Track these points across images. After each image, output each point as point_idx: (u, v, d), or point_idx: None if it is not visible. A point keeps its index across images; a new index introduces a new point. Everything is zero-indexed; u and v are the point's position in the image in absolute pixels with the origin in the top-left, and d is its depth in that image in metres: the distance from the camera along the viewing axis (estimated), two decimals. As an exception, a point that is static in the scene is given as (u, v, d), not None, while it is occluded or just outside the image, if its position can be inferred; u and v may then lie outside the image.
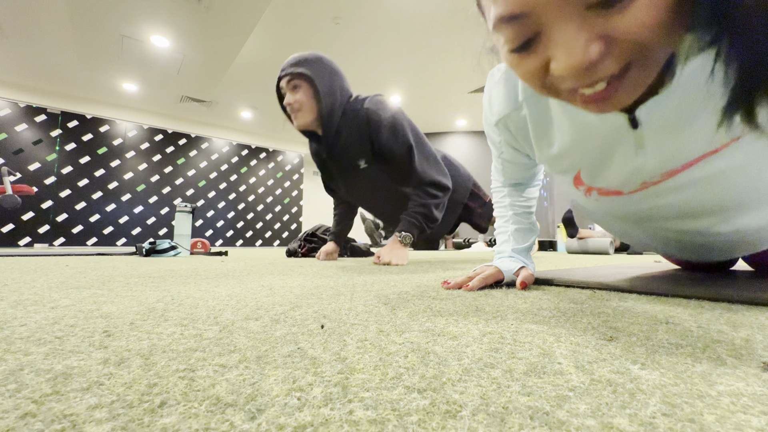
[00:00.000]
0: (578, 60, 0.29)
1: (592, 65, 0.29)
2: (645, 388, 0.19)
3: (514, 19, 0.30)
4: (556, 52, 0.30)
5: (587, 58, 0.28)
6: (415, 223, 1.31)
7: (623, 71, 0.30)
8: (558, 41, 0.29)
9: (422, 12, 3.14)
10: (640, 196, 0.50)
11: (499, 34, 0.32)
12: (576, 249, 2.81)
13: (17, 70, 4.10)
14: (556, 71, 0.30)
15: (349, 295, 0.54)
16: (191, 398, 0.18)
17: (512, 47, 0.32)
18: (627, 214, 0.56)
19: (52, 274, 0.86)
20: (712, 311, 0.41)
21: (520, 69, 0.34)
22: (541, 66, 0.32)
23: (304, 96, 1.28)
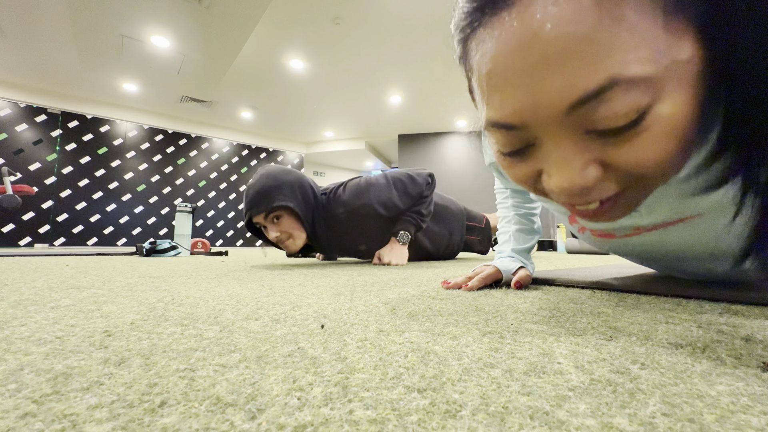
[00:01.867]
0: (573, 183, 0.27)
1: (587, 190, 0.27)
2: (645, 388, 0.19)
3: (507, 128, 0.28)
4: (549, 168, 0.28)
5: (582, 183, 0.27)
6: (411, 221, 1.33)
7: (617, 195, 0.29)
8: (552, 159, 0.27)
9: (423, 12, 3.14)
10: (632, 240, 0.50)
11: (490, 136, 0.30)
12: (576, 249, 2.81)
13: (17, 70, 4.11)
14: (549, 188, 0.29)
15: (349, 295, 0.54)
16: (191, 398, 0.18)
17: (503, 152, 0.30)
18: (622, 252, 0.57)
19: (52, 274, 0.86)
20: (712, 311, 0.41)
21: (511, 172, 0.32)
22: (532, 174, 0.30)
23: (288, 224, 1.21)
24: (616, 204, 0.29)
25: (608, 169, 0.27)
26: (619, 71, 0.22)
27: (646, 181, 0.27)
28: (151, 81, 4.33)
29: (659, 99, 0.23)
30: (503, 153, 0.30)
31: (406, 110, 5.38)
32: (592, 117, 0.24)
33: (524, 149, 0.29)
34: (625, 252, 0.58)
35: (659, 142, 0.24)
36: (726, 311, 0.41)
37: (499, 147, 0.30)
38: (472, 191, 5.59)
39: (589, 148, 0.26)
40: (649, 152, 0.25)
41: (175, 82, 4.32)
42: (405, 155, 6.22)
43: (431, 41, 3.59)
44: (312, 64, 4.07)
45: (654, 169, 0.26)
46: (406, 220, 1.33)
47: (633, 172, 0.26)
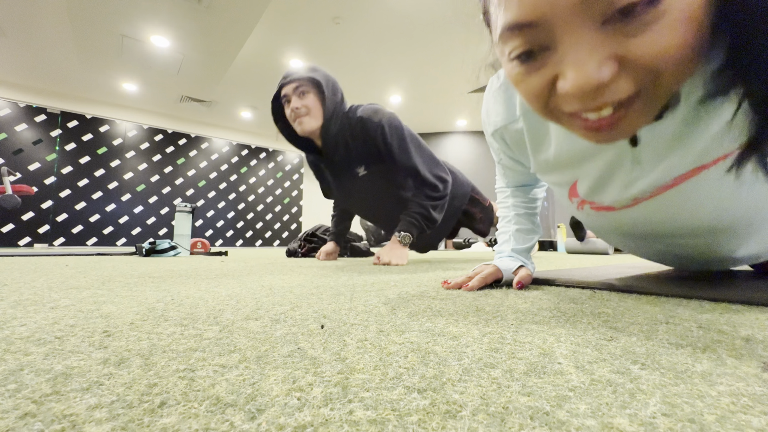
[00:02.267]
0: (589, 79, 0.27)
1: (602, 87, 0.27)
2: (645, 388, 0.19)
3: (525, 28, 0.28)
4: (565, 68, 0.28)
5: (598, 78, 0.26)
6: (415, 223, 1.31)
7: (631, 99, 0.28)
8: (569, 57, 0.27)
9: (422, 12, 3.14)
10: (631, 213, 0.50)
11: (505, 45, 0.30)
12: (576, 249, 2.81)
13: (17, 70, 4.10)
14: (563, 89, 0.28)
15: (349, 295, 0.54)
16: (191, 398, 0.18)
17: (517, 53, 0.30)
18: (621, 229, 0.57)
19: (52, 274, 0.86)
20: (712, 311, 0.41)
21: (524, 86, 0.32)
22: (546, 84, 0.30)
23: (312, 101, 1.29)
24: (628, 112, 0.29)
25: (625, 65, 0.27)
26: None
27: (660, 80, 0.27)
28: (150, 81, 4.33)
29: None
30: (520, 59, 0.30)
31: (406, 110, 5.38)
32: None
33: (538, 54, 0.29)
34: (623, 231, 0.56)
35: (676, 29, 0.25)
36: (726, 311, 0.41)
37: (515, 51, 0.30)
38: (471, 191, 5.59)
39: (606, 42, 0.26)
40: (666, 40, 0.25)
41: (175, 81, 4.32)
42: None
43: (431, 41, 3.59)
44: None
45: (670, 61, 0.26)
46: (410, 222, 1.31)
47: (649, 66, 0.26)
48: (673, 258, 0.62)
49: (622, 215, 0.51)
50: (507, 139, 0.56)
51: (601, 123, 0.30)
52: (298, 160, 6.81)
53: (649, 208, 0.47)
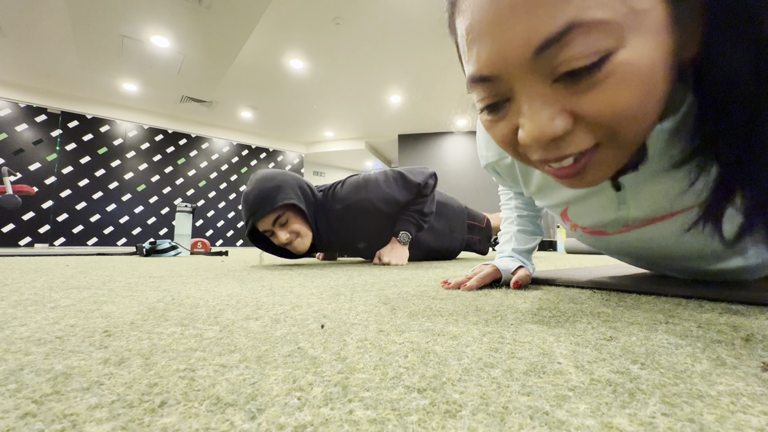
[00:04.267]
0: (542, 131, 0.28)
1: (558, 139, 0.28)
2: (645, 388, 0.19)
3: (486, 81, 0.29)
4: (522, 121, 0.29)
5: (552, 131, 0.27)
6: (411, 221, 1.32)
7: (592, 150, 0.29)
8: (524, 109, 0.29)
9: (423, 12, 3.14)
10: (624, 237, 0.51)
11: (473, 93, 0.32)
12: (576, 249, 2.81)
13: (17, 70, 4.10)
14: (521, 140, 0.30)
15: (349, 295, 0.54)
16: (191, 398, 0.18)
17: (482, 106, 0.32)
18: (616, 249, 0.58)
19: (52, 274, 0.86)
20: (712, 311, 0.41)
21: (492, 132, 0.33)
22: (510, 131, 0.31)
23: (296, 224, 1.19)
24: (590, 162, 0.30)
25: (578, 121, 0.28)
26: (577, 15, 0.24)
27: (618, 135, 0.28)
28: (151, 81, 4.33)
29: (620, 45, 0.25)
30: (483, 110, 0.32)
31: (406, 110, 5.38)
32: (556, 61, 0.26)
33: (501, 104, 0.30)
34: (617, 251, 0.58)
35: (623, 88, 0.25)
36: (726, 311, 0.41)
37: (480, 104, 0.32)
38: (472, 191, 5.59)
39: (558, 98, 0.27)
40: (614, 98, 0.26)
41: (175, 82, 4.32)
42: (405, 155, 6.22)
43: (431, 41, 3.59)
44: (312, 64, 4.07)
45: (621, 117, 0.27)
46: (406, 220, 1.32)
47: (601, 122, 0.27)
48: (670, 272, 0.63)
49: (615, 239, 0.52)
50: (499, 171, 0.59)
51: (566, 171, 0.31)
52: (299, 161, 6.82)
53: (641, 234, 0.48)
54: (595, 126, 0.28)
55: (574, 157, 0.30)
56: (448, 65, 4.07)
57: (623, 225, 0.48)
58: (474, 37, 0.28)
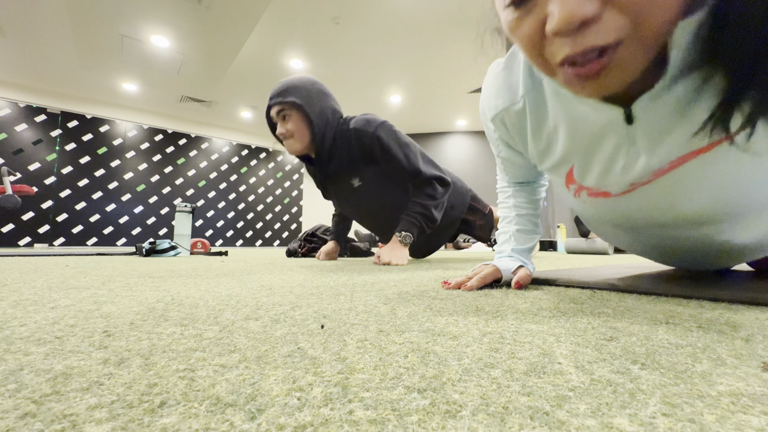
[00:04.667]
0: (573, 13, 0.28)
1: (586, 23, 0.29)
2: (645, 388, 0.19)
3: None
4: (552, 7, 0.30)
5: (582, 13, 0.28)
6: (415, 223, 1.31)
7: (615, 46, 0.30)
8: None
9: (422, 12, 3.14)
10: (628, 199, 0.49)
11: None
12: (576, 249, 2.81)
13: (17, 70, 4.10)
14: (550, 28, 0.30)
15: (349, 295, 0.54)
16: (191, 398, 0.18)
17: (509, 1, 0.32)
18: (618, 220, 0.56)
19: (52, 274, 0.86)
20: (712, 311, 0.41)
21: (519, 32, 0.33)
22: (538, 27, 0.32)
23: (294, 124, 1.29)
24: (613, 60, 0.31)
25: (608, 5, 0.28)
26: None
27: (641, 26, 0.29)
28: (150, 81, 4.33)
29: None
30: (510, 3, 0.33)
31: (406, 110, 5.38)
32: None
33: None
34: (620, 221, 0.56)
35: None
36: (726, 311, 0.41)
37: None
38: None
39: None
40: None
41: (175, 81, 4.32)
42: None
43: (431, 41, 3.59)
44: (312, 64, 4.07)
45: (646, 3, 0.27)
46: (411, 222, 1.31)
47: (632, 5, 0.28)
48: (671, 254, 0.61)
49: (619, 202, 0.51)
50: (507, 122, 0.56)
51: (588, 69, 0.32)
52: (298, 161, 6.81)
53: (647, 194, 0.47)
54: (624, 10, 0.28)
55: (597, 51, 0.30)
56: (447, 65, 4.08)
57: (630, 183, 0.47)
58: None
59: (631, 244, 0.64)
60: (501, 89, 0.54)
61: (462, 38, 3.54)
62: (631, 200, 0.49)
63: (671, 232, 0.53)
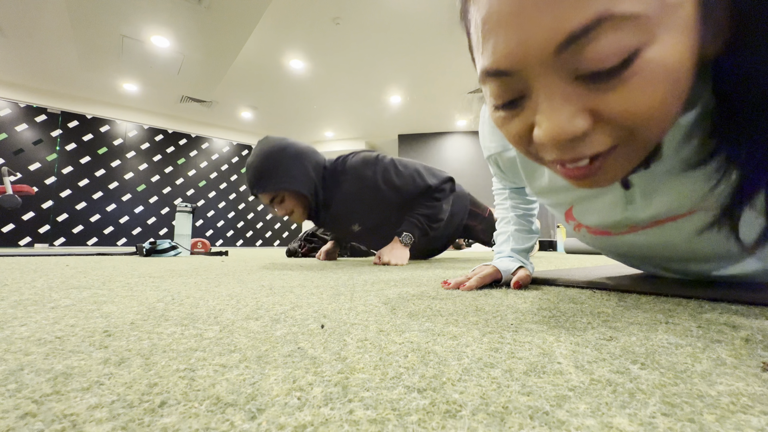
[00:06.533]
0: (562, 130, 0.26)
1: (576, 139, 0.27)
2: (645, 387, 0.19)
3: (501, 75, 0.28)
4: (540, 118, 0.27)
5: (572, 131, 0.26)
6: (417, 224, 1.31)
7: (608, 152, 0.28)
8: (542, 107, 0.27)
9: (422, 12, 3.14)
10: (628, 238, 0.50)
11: (485, 88, 0.30)
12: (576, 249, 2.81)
13: (17, 70, 4.10)
14: (538, 139, 0.28)
15: (349, 295, 0.54)
16: (191, 398, 0.18)
17: (496, 104, 0.30)
18: (619, 250, 0.57)
19: (52, 274, 0.86)
20: (712, 311, 0.41)
21: (505, 130, 0.31)
22: (525, 129, 0.30)
23: (291, 203, 1.28)
24: (605, 163, 0.29)
25: (598, 120, 0.27)
26: (608, 7, 0.22)
27: (637, 136, 0.27)
28: (151, 81, 4.33)
29: (650, 42, 0.23)
30: (497, 106, 0.30)
31: (406, 110, 5.38)
32: (580, 58, 0.24)
33: (517, 101, 0.29)
34: (621, 253, 0.57)
35: (649, 88, 0.24)
36: (726, 311, 0.41)
37: (494, 100, 0.30)
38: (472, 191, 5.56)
39: (579, 96, 0.26)
40: (639, 98, 0.25)
41: (175, 82, 4.32)
42: (405, 155, 6.22)
43: (431, 41, 3.59)
44: (312, 64, 4.07)
45: (644, 118, 0.25)
46: (412, 223, 1.31)
47: (623, 123, 0.26)
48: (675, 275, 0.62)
49: (619, 240, 0.52)
50: (501, 164, 0.58)
51: (580, 172, 0.30)
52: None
53: (647, 236, 0.48)
54: (616, 126, 0.26)
55: (589, 158, 0.29)
56: (447, 65, 4.07)
57: (629, 226, 0.47)
58: (491, 28, 0.26)
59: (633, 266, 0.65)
60: (494, 133, 0.55)
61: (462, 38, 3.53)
62: (632, 239, 0.50)
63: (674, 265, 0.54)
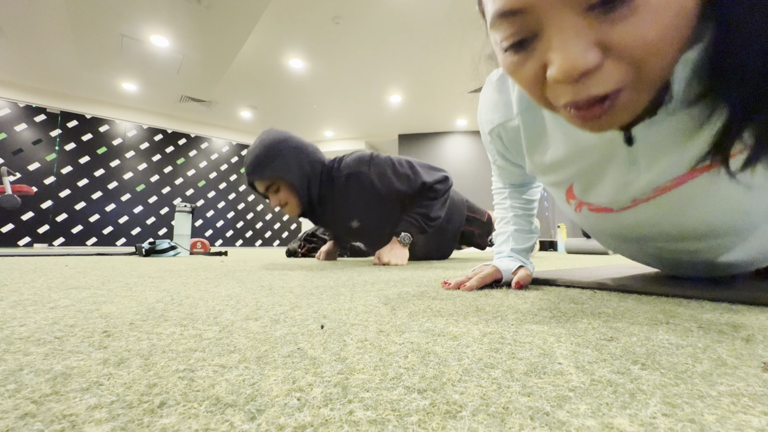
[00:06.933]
0: (575, 64, 0.27)
1: (588, 74, 0.28)
2: (645, 388, 0.19)
3: (512, 15, 0.29)
4: (552, 55, 0.28)
5: (584, 64, 0.27)
6: (414, 223, 1.31)
7: (617, 92, 0.29)
8: (555, 43, 0.28)
9: (422, 12, 3.14)
10: (630, 214, 0.49)
11: (497, 32, 0.31)
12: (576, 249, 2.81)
13: (17, 70, 4.10)
14: (551, 76, 0.29)
15: (349, 295, 0.54)
16: (191, 398, 0.18)
17: (507, 45, 0.31)
18: (619, 233, 0.56)
19: (51, 274, 0.86)
20: (712, 311, 0.41)
21: (518, 75, 0.32)
22: (538, 71, 0.31)
23: (285, 193, 1.28)
24: (616, 102, 0.30)
25: (608, 55, 0.28)
26: None
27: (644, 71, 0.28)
28: (150, 81, 4.33)
29: None
30: (510, 47, 0.31)
31: (406, 110, 5.38)
32: None
33: (529, 42, 0.30)
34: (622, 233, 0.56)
35: (658, 17, 0.25)
36: (726, 311, 0.41)
37: (506, 42, 0.31)
38: (472, 191, 5.58)
39: (590, 28, 0.27)
40: (648, 27, 0.26)
41: (175, 81, 4.31)
42: (405, 155, 6.21)
43: (431, 41, 3.59)
44: (312, 64, 4.07)
45: (652, 48, 0.27)
46: (410, 222, 1.31)
47: (632, 55, 0.27)
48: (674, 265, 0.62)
49: (620, 217, 0.51)
50: (503, 137, 0.56)
51: (592, 112, 0.31)
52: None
53: (649, 210, 0.47)
54: (625, 60, 0.27)
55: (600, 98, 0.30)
56: (447, 65, 4.08)
57: (632, 199, 0.47)
58: None
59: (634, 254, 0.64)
60: (498, 104, 0.54)
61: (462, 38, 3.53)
62: (633, 216, 0.49)
63: (674, 245, 0.53)
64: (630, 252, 0.64)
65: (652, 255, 0.60)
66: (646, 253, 0.61)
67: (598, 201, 0.50)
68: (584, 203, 0.52)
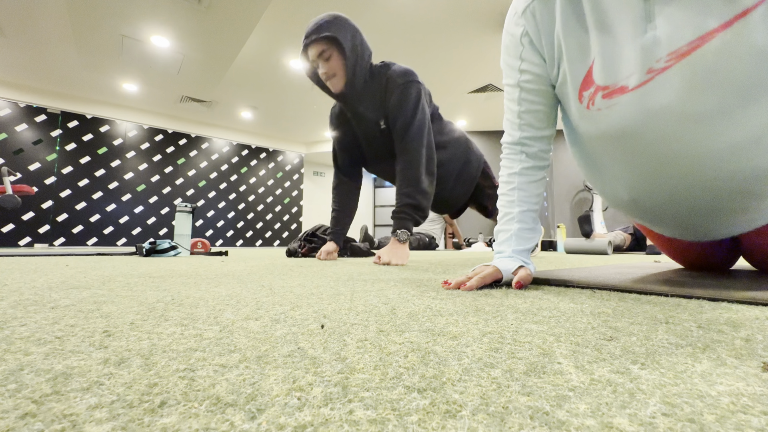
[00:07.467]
0: None
1: None
2: (645, 388, 0.19)
3: None
4: None
5: None
6: (408, 218, 1.32)
7: None
8: None
9: (422, 12, 3.14)
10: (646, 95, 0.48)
11: None
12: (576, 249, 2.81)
13: (17, 70, 4.10)
14: None
15: (349, 295, 0.54)
16: (191, 398, 0.18)
17: None
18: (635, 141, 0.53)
19: (52, 274, 0.86)
20: (712, 311, 0.41)
21: None
22: None
23: (336, 64, 1.34)
24: None
25: None
26: None
27: None
28: (150, 81, 4.33)
29: None
30: None
31: (406, 110, 5.37)
32: None
33: None
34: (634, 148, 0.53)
35: None
36: (726, 311, 0.41)
37: None
38: (472, 191, 5.59)
39: None
40: None
41: (175, 82, 4.31)
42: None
43: (431, 41, 3.59)
44: (312, 64, 4.06)
45: None
46: (402, 218, 1.32)
47: None
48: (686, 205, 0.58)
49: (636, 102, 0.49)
50: (537, 15, 0.57)
51: None
52: (298, 160, 6.81)
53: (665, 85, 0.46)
54: None
55: None
56: (447, 65, 4.07)
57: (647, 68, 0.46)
58: None
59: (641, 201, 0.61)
60: None
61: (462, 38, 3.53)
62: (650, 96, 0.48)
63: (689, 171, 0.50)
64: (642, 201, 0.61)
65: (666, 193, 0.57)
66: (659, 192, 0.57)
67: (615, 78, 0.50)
68: (599, 89, 0.52)
